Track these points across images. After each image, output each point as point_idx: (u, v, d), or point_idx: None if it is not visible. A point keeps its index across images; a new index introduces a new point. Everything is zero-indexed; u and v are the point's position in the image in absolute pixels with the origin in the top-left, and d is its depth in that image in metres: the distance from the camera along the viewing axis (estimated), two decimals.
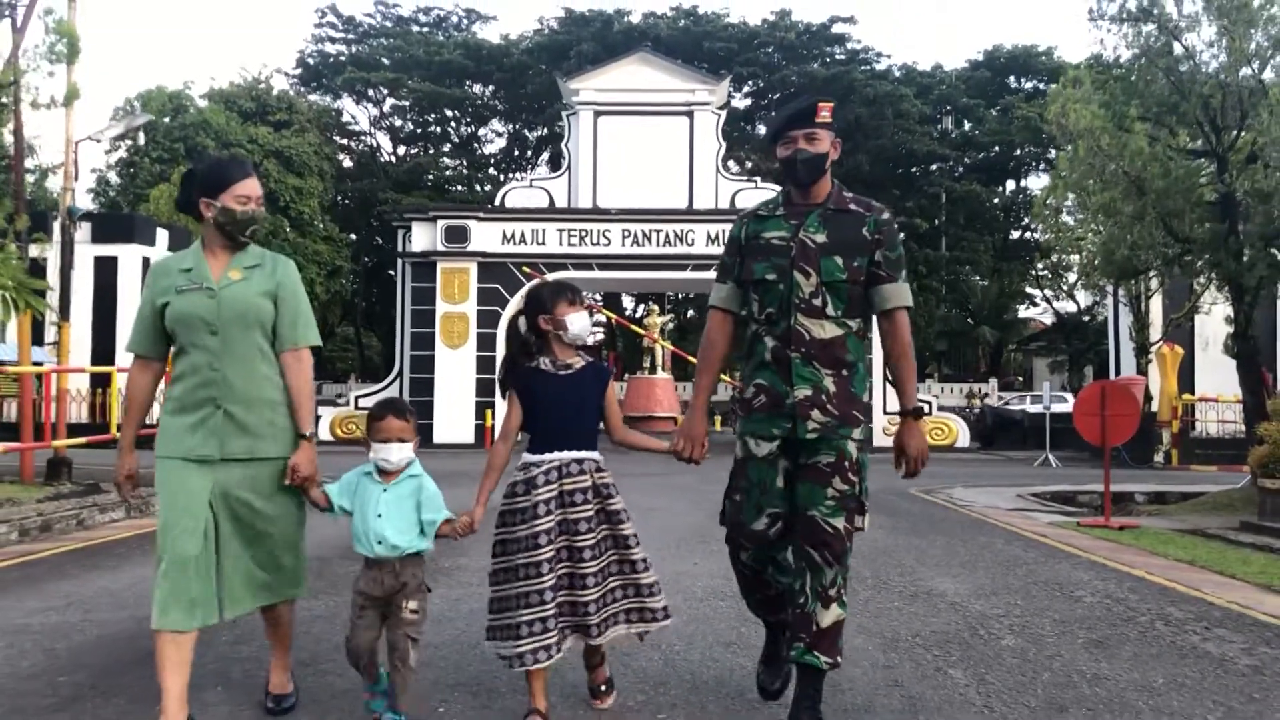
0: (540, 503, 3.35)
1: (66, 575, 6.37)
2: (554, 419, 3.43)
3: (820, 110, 3.48)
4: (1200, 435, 22.47)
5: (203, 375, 3.29)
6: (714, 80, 26.94)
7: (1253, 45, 12.08)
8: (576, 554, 3.35)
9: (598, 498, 3.43)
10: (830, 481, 3.36)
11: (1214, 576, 7.00)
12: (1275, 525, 9.83)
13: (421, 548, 3.40)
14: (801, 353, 3.39)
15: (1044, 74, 49.80)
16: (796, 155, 3.45)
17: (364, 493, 3.40)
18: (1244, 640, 4.98)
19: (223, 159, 3.70)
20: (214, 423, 3.27)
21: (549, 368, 3.48)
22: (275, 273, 3.42)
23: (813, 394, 3.37)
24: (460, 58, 49.80)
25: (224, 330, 3.29)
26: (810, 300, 3.40)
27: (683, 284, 27.97)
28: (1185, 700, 3.93)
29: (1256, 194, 11.75)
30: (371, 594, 3.35)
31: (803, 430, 3.36)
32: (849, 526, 3.39)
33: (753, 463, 3.45)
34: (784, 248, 3.45)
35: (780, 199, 3.58)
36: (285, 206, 39.01)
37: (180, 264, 3.39)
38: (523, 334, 3.54)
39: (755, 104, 50.68)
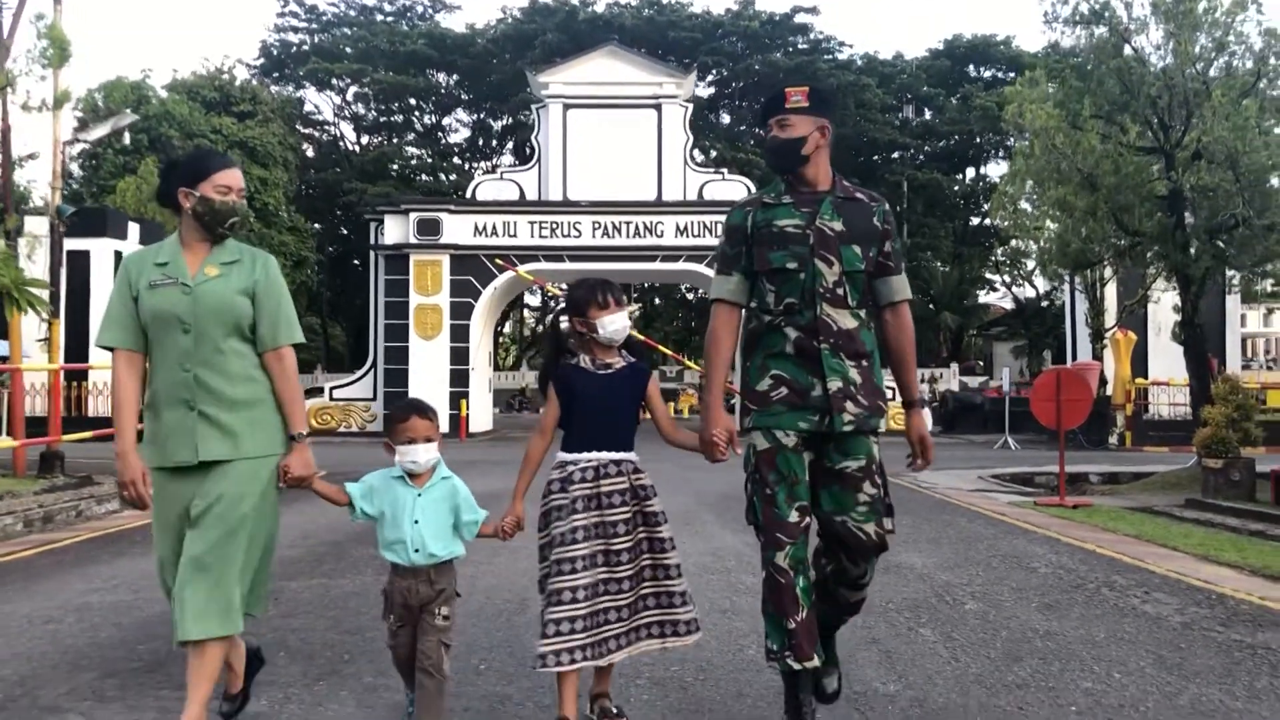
0: (577, 499, 3.31)
1: (98, 560, 6.78)
2: (591, 418, 3.37)
3: (790, 95, 3.42)
4: (1153, 418, 23.31)
5: (175, 375, 3.15)
6: (681, 73, 27.40)
7: (1197, 48, 12.74)
8: (614, 557, 3.29)
9: (635, 500, 3.37)
10: (861, 487, 3.33)
11: (1157, 549, 7.62)
12: (1217, 502, 10.51)
13: (459, 553, 3.34)
14: (830, 344, 3.32)
15: (1002, 63, 50.70)
16: (771, 143, 3.45)
17: (396, 498, 3.28)
18: (1178, 602, 5.58)
19: (203, 149, 3.63)
20: (189, 425, 3.12)
21: (589, 366, 3.44)
22: (254, 270, 3.25)
23: (843, 386, 3.31)
24: (424, 47, 49.83)
25: (198, 328, 3.14)
26: (834, 289, 3.33)
27: (653, 275, 28.46)
28: (1123, 651, 4.51)
29: (1201, 190, 12.42)
30: (407, 604, 3.25)
31: (839, 423, 3.28)
32: (880, 530, 3.36)
33: (782, 453, 3.32)
34: (801, 235, 3.35)
35: (781, 186, 3.48)
36: (250, 198, 38.86)
37: (155, 257, 3.23)
38: (561, 334, 3.56)
39: (719, 93, 51.14)
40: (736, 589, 5.80)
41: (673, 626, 3.39)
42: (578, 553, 3.26)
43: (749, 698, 3.86)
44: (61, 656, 4.28)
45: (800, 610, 3.28)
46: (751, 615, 5.11)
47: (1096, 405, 17.10)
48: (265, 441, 3.21)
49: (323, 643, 4.55)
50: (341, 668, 4.14)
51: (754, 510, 3.41)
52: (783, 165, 3.44)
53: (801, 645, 3.27)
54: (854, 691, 3.90)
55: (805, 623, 3.28)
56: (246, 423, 3.17)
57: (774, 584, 3.30)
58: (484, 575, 6.04)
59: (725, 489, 10.29)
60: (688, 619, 3.40)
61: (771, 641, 3.34)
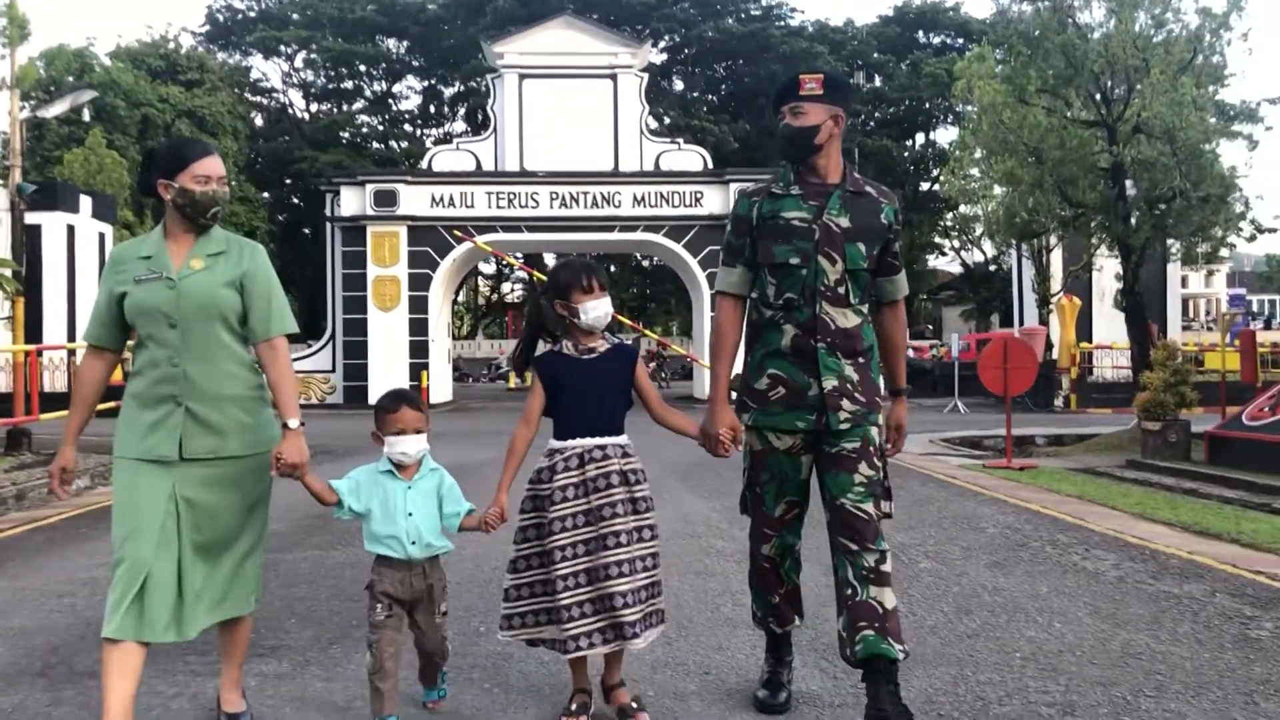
0: (558, 489, 3.28)
1: (91, 537, 7.01)
2: (577, 404, 3.34)
3: (804, 82, 3.36)
4: (1097, 380, 24.06)
5: (162, 370, 3.10)
6: (636, 44, 27.55)
7: (1137, 26, 13.19)
8: (601, 543, 3.24)
9: (624, 484, 3.31)
10: (857, 468, 3.33)
11: (1098, 508, 8.12)
12: (1154, 462, 11.09)
13: (450, 547, 3.37)
14: (827, 343, 3.31)
15: (951, 29, 51.22)
16: (784, 130, 3.39)
17: (386, 492, 3.28)
18: (1114, 558, 6.06)
19: (181, 138, 3.63)
20: (174, 421, 3.08)
21: (571, 352, 3.38)
22: (242, 260, 3.20)
23: (839, 384, 3.31)
24: (373, 14, 49.31)
25: (184, 323, 3.10)
26: (835, 288, 3.32)
27: (611, 245, 28.64)
28: (1063, 603, 4.95)
29: (1141, 163, 12.93)
30: (399, 597, 3.25)
31: (835, 422, 3.30)
32: (878, 511, 3.34)
33: (773, 455, 3.40)
34: (807, 230, 3.32)
35: (790, 175, 3.44)
36: None
37: (139, 251, 3.18)
38: (543, 318, 3.47)
39: (671, 59, 51.15)
40: (708, 552, 6.19)
41: (659, 615, 3.39)
42: (554, 544, 3.24)
43: (728, 650, 4.24)
44: (85, 628, 4.55)
45: (783, 586, 3.56)
46: (724, 577, 5.52)
47: (1042, 369, 17.70)
48: (252, 439, 3.18)
49: (329, 610, 4.88)
50: (350, 632, 4.47)
51: (745, 503, 3.57)
52: (795, 154, 3.40)
53: (783, 613, 3.58)
54: (821, 643, 4.29)
55: (788, 594, 3.57)
56: (234, 420, 3.14)
57: (759, 569, 3.55)
58: (469, 543, 6.36)
59: (692, 459, 10.67)
60: (660, 607, 3.40)
61: (756, 608, 3.64)
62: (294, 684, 3.79)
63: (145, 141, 37.33)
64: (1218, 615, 4.73)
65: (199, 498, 3.10)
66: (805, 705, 3.59)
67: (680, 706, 3.59)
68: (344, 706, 3.52)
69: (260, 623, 4.59)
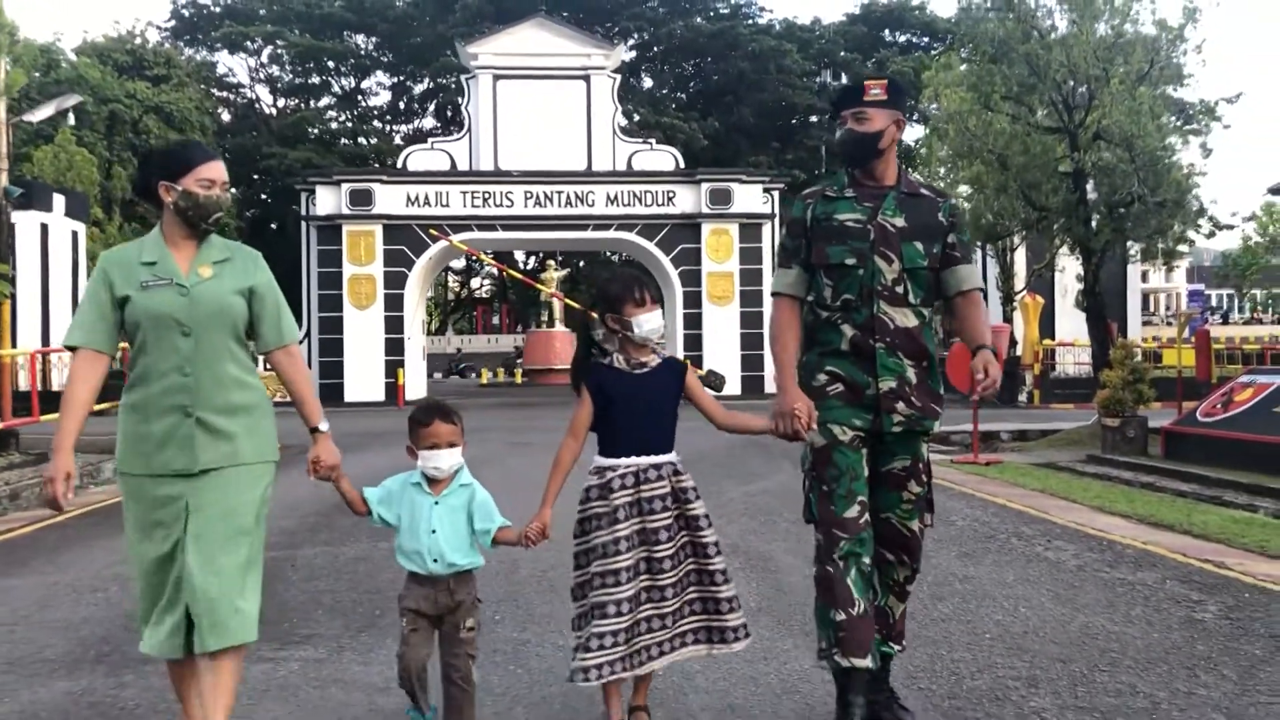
0: (620, 507, 3.20)
1: (107, 534, 7.28)
2: (629, 421, 3.26)
3: (869, 88, 3.35)
4: (1059, 376, 24.71)
5: (171, 380, 3.01)
6: (609, 45, 27.96)
7: (1097, 36, 13.72)
8: (656, 565, 3.20)
9: (676, 504, 3.26)
10: (906, 485, 3.36)
11: (1060, 502, 8.59)
12: (1113, 457, 11.61)
13: (479, 563, 3.29)
14: (886, 343, 3.29)
15: (917, 28, 51.92)
16: (846, 135, 3.37)
17: (414, 506, 3.24)
18: (1075, 549, 6.52)
19: (184, 140, 3.51)
20: (186, 432, 3.00)
21: (623, 366, 3.30)
22: (248, 269, 3.16)
23: (897, 385, 3.30)
24: (341, 10, 49.33)
25: (197, 331, 3.02)
26: (893, 287, 3.30)
27: (585, 243, 29.05)
28: (1028, 589, 5.40)
29: (1101, 168, 13.47)
30: (424, 612, 3.22)
31: (888, 424, 3.29)
32: (922, 525, 3.43)
33: (839, 449, 3.30)
34: (862, 231, 3.32)
35: (844, 179, 3.44)
36: None
37: (140, 256, 3.08)
38: (593, 332, 3.39)
39: (640, 57, 51.49)
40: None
41: (720, 633, 3.28)
42: (621, 564, 3.16)
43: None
44: (124, 620, 4.86)
45: (852, 603, 3.23)
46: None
47: (1007, 366, 18.26)
48: (262, 447, 3.13)
49: (351, 601, 5.23)
50: (377, 621, 4.83)
51: (810, 507, 3.39)
52: (858, 159, 3.39)
53: (850, 639, 3.21)
54: (810, 628, 4.68)
55: (857, 618, 3.23)
56: (244, 428, 3.08)
57: (824, 576, 3.28)
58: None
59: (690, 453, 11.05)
60: (735, 625, 3.28)
61: (820, 638, 3.32)
62: (333, 667, 4.16)
63: (113, 138, 37.27)
64: (1167, 599, 5.19)
65: (210, 506, 3.00)
66: (802, 684, 3.98)
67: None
68: (382, 687, 3.88)
69: (292, 613, 4.96)
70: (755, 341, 25.97)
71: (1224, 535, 6.88)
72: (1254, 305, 66.35)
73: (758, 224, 26.14)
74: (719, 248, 25.79)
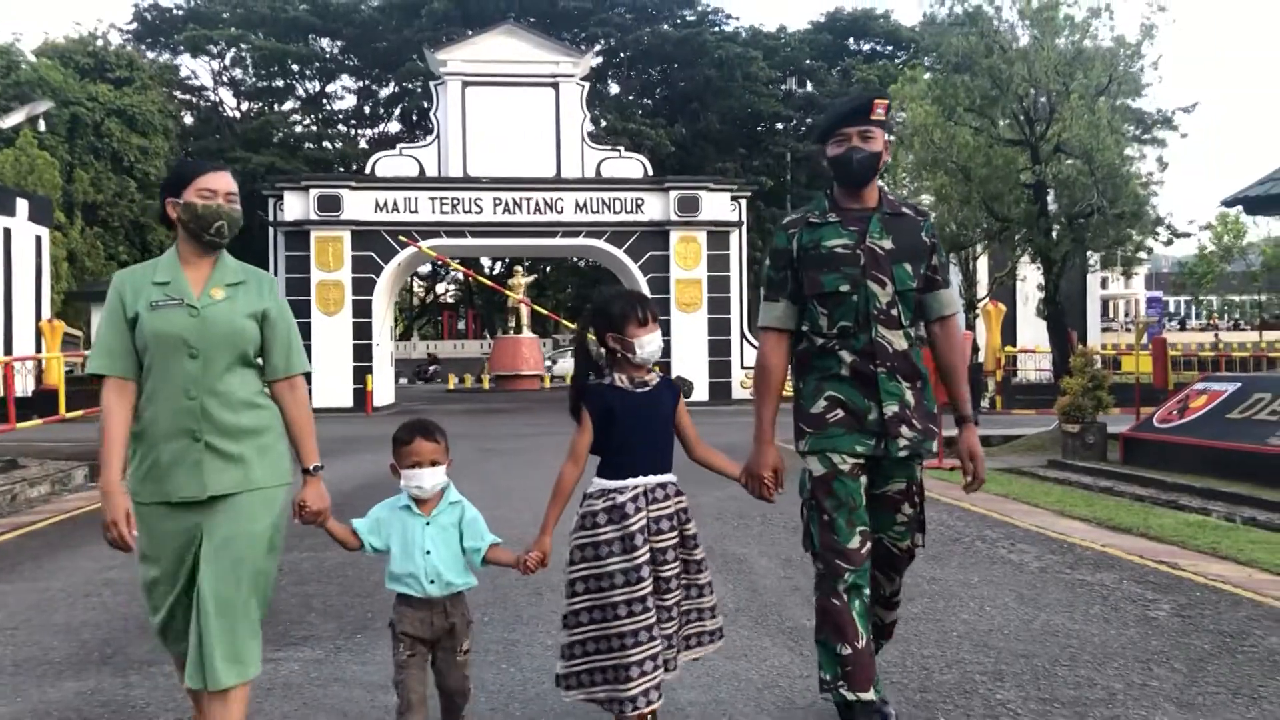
0: (636, 533, 3.11)
1: (88, 540, 7.36)
2: (634, 440, 3.18)
3: (876, 107, 3.31)
4: (1021, 382, 25.19)
5: (178, 403, 2.95)
6: (578, 53, 28.18)
7: (1057, 51, 14.10)
8: (663, 584, 3.16)
9: (677, 525, 3.24)
10: (900, 508, 3.38)
11: (1023, 506, 8.88)
12: (1074, 462, 11.94)
13: (473, 583, 3.23)
14: (887, 367, 3.27)
15: (881, 37, 52.56)
16: (852, 154, 3.28)
17: (405, 529, 3.17)
18: (1037, 551, 6.79)
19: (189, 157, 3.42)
20: (194, 457, 2.94)
21: (626, 385, 3.23)
22: (262, 293, 3.11)
23: (899, 409, 3.28)
24: (306, 14, 49.24)
25: (206, 353, 2.97)
26: (888, 311, 3.28)
27: (554, 250, 29.16)
28: (992, 590, 5.65)
29: (1062, 181, 13.83)
30: (420, 636, 3.16)
31: (894, 448, 3.28)
32: (913, 544, 3.45)
33: (839, 479, 3.29)
34: (852, 256, 3.28)
35: (824, 203, 3.40)
36: (130, 167, 38.22)
37: (153, 275, 3.04)
38: (593, 351, 3.31)
39: (607, 63, 51.75)
40: None
41: (698, 638, 3.30)
42: (646, 590, 3.09)
43: None
44: (125, 622, 5.01)
45: (858, 637, 3.24)
46: None
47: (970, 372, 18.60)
48: (275, 471, 3.07)
49: (343, 604, 5.39)
50: (370, 624, 4.99)
51: (811, 538, 3.37)
52: (861, 179, 3.33)
53: (856, 673, 3.22)
54: (786, 626, 4.91)
55: (862, 651, 3.25)
56: (255, 451, 3.02)
57: (828, 609, 3.27)
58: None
59: None
60: (714, 628, 3.33)
61: (824, 671, 3.29)
62: (332, 667, 4.33)
63: (75, 141, 36.95)
64: (1124, 599, 5.45)
65: (223, 539, 2.94)
66: (781, 679, 4.19)
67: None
68: (381, 685, 4.04)
69: (285, 616, 5.12)
70: (723, 348, 26.25)
71: (1179, 538, 7.18)
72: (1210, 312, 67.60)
73: (726, 231, 26.42)
74: (687, 255, 26.04)
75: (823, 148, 3.39)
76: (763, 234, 44.07)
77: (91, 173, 36.65)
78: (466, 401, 29.50)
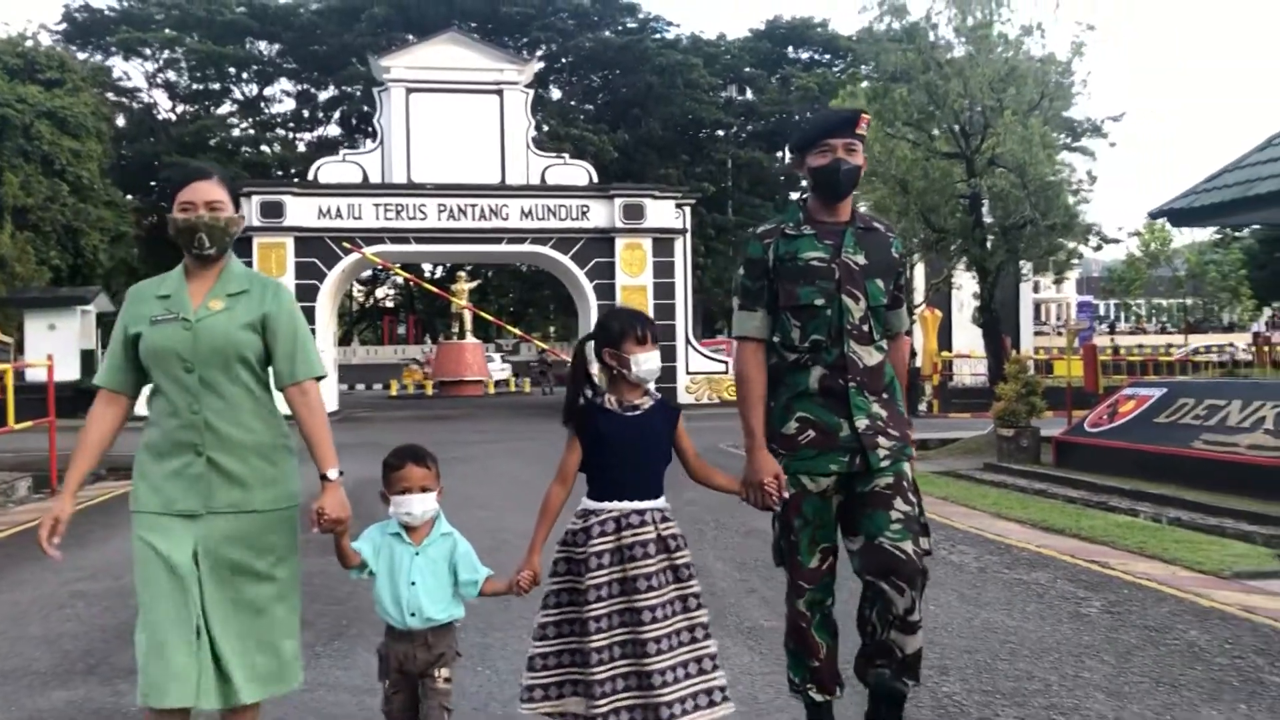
0: (593, 555, 3.06)
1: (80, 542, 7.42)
2: (617, 464, 3.14)
3: (861, 121, 3.35)
4: (957, 386, 25.81)
5: (182, 418, 2.93)
6: (522, 60, 28.32)
7: (992, 69, 14.58)
8: (636, 616, 3.01)
9: (664, 551, 3.10)
10: (892, 504, 3.29)
11: (961, 509, 9.26)
12: (1009, 465, 12.39)
13: (459, 615, 3.18)
14: (856, 382, 3.28)
15: (819, 45, 53.37)
16: (839, 165, 3.29)
17: (393, 556, 3.11)
18: (976, 552, 7.14)
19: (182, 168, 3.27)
20: (195, 471, 2.92)
21: (614, 407, 3.17)
22: (264, 300, 3.04)
23: (870, 422, 3.29)
24: (244, 16, 48.78)
25: (201, 367, 2.93)
26: (860, 326, 3.30)
27: (499, 256, 29.23)
28: (935, 590, 5.95)
29: (996, 194, 14.31)
30: (403, 669, 3.12)
31: (875, 461, 3.28)
32: (918, 549, 3.28)
33: (808, 499, 3.31)
34: (827, 270, 3.29)
35: (798, 214, 3.40)
36: (62, 171, 37.54)
37: (158, 290, 3.02)
38: (589, 368, 3.26)
39: (549, 68, 51.92)
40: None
41: (708, 695, 3.08)
42: (589, 614, 3.03)
43: None
44: (103, 633, 5.14)
45: (821, 649, 3.39)
46: None
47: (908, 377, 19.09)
48: (277, 493, 3.03)
49: (316, 612, 5.54)
50: (344, 630, 5.18)
51: (779, 553, 3.47)
52: (842, 191, 3.35)
53: (822, 679, 3.40)
54: (744, 626, 5.18)
55: (827, 660, 3.40)
56: (257, 471, 2.98)
57: (796, 627, 3.39)
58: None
59: None
60: (720, 685, 3.12)
61: (794, 674, 3.46)
62: (315, 672, 4.50)
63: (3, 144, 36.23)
64: (1058, 597, 5.81)
65: (223, 555, 2.92)
66: (744, 676, 4.45)
67: None
68: (365, 688, 4.24)
69: None
70: (668, 354, 26.49)
71: (1108, 538, 7.58)
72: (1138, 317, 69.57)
73: (671, 239, 26.73)
74: (633, 262, 26.30)
75: (801, 157, 3.38)
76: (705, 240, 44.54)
77: (21, 176, 35.89)
78: (411, 408, 29.49)
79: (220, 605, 2.89)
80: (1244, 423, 9.67)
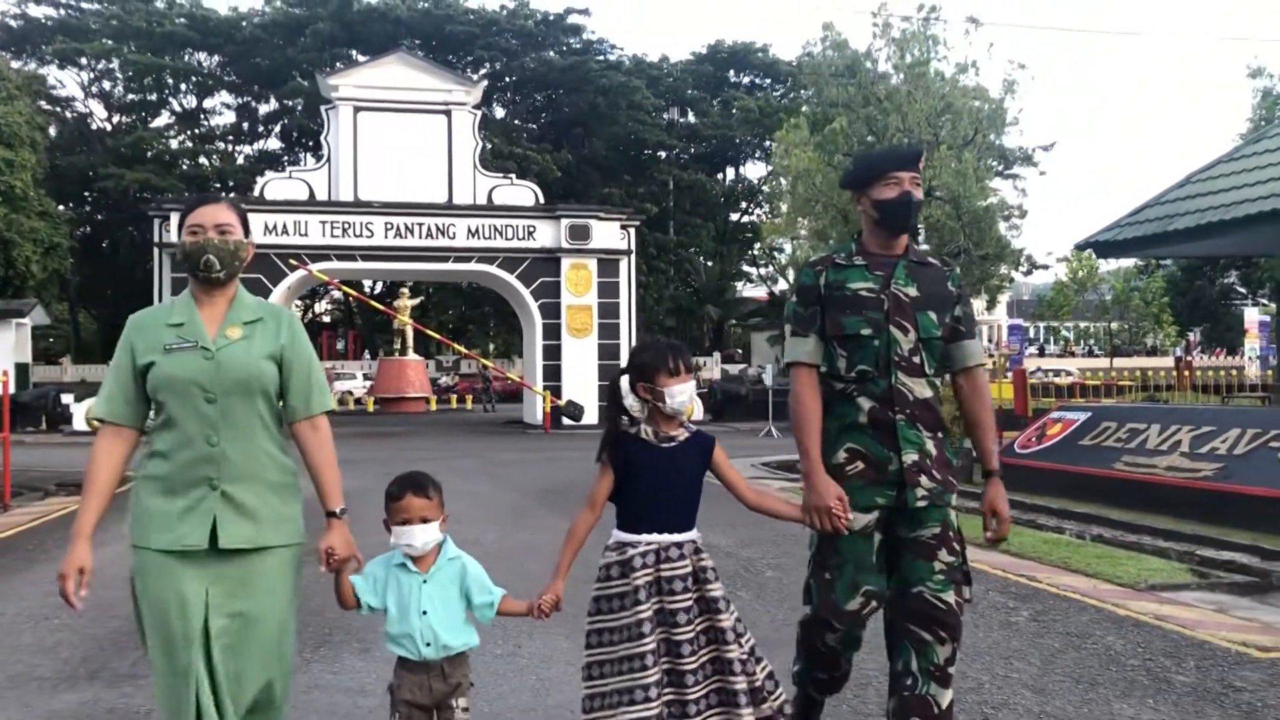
0: (640, 587, 3.05)
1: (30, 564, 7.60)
2: (651, 496, 3.14)
3: (922, 157, 3.42)
4: None
5: (197, 450, 2.84)
6: (470, 82, 28.68)
7: (929, 104, 15.28)
8: (675, 649, 3.04)
9: (696, 585, 3.11)
10: (936, 554, 3.23)
11: None
12: None
13: (474, 643, 3.10)
14: (906, 415, 3.24)
15: (760, 69, 54.38)
16: (909, 197, 3.31)
17: (400, 588, 3.04)
18: None
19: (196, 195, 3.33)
20: (207, 506, 2.84)
21: (650, 438, 3.18)
22: (280, 331, 2.99)
23: (919, 459, 3.23)
24: (184, 28, 48.49)
25: (223, 398, 2.86)
26: (910, 358, 3.26)
27: (446, 274, 29.41)
28: None
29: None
30: (419, 703, 3.01)
31: (912, 499, 3.21)
32: (959, 599, 3.23)
33: (846, 536, 3.22)
34: (876, 300, 3.27)
35: (850, 246, 3.41)
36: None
37: (167, 317, 2.94)
38: (624, 401, 3.23)
39: (493, 86, 52.29)
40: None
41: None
42: (646, 648, 3.01)
43: None
44: (97, 642, 5.38)
45: (840, 669, 3.47)
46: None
47: None
48: (289, 530, 2.98)
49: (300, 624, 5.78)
50: (329, 639, 5.47)
51: (810, 592, 3.37)
52: (908, 223, 3.38)
53: (826, 688, 3.55)
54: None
55: (842, 677, 3.52)
56: (270, 507, 2.92)
57: (813, 650, 3.39)
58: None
59: (545, 484, 11.82)
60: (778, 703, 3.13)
61: (798, 672, 3.56)
62: (307, 677, 4.81)
63: None
64: (990, 607, 6.29)
65: (233, 591, 2.85)
66: None
67: None
68: (358, 690, 4.56)
69: None
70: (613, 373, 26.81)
71: (1036, 554, 8.10)
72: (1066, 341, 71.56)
73: (616, 259, 27.15)
74: (578, 282, 26.68)
75: (863, 191, 3.38)
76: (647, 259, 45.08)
77: None
78: (355, 424, 29.48)
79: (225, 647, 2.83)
80: (1162, 446, 10.31)
